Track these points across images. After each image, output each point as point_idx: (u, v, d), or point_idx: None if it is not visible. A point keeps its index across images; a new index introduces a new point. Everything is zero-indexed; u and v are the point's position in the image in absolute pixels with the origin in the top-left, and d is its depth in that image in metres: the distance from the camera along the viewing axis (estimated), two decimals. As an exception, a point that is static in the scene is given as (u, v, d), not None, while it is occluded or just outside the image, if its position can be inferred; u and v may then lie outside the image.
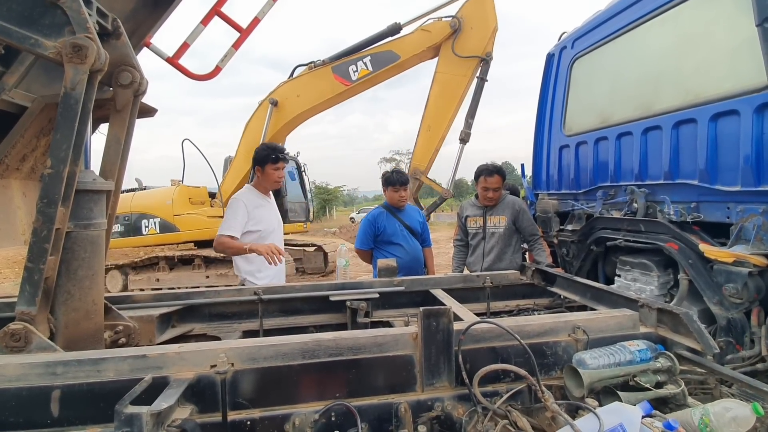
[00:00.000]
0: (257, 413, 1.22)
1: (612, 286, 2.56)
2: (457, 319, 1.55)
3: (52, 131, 1.35)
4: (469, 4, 5.32)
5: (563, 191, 3.95)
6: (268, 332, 2.10)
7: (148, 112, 1.97)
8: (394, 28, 5.49)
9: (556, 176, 4.06)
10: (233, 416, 1.20)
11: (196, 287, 6.18)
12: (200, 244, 7.45)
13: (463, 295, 2.28)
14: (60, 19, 1.31)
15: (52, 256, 1.32)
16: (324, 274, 8.45)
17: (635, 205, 2.92)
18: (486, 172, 3.37)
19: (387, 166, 59.23)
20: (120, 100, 1.57)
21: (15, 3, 1.30)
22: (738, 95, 2.27)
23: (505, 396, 1.29)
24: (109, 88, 1.60)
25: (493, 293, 2.36)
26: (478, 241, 3.50)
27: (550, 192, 4.12)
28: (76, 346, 1.42)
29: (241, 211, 2.78)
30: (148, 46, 2.51)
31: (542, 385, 1.24)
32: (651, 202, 2.86)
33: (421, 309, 1.29)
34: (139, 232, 7.48)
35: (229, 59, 3.06)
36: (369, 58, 5.61)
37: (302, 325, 2.18)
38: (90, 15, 1.35)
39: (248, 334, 2.11)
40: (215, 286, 2.61)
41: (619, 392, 1.27)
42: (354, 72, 5.64)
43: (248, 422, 1.20)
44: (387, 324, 2.12)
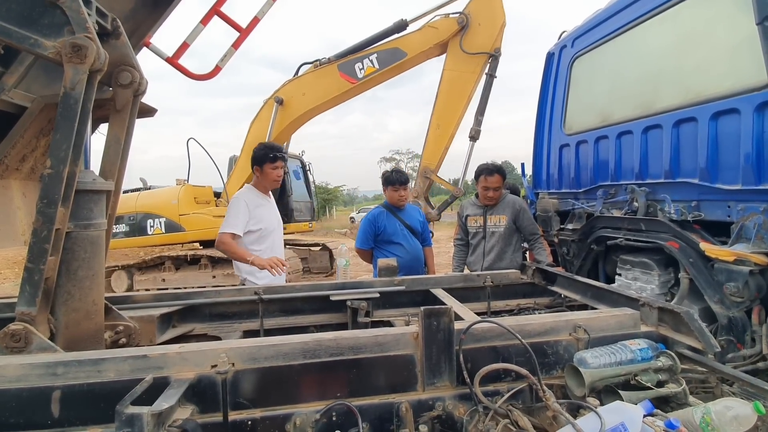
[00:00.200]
0: (258, 413, 1.22)
1: (613, 285, 2.55)
2: (458, 318, 1.55)
3: (52, 131, 1.34)
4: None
5: (563, 190, 3.95)
6: (269, 332, 2.09)
7: (148, 112, 1.96)
8: (401, 25, 5.42)
9: (556, 175, 4.06)
10: (234, 416, 1.20)
11: (203, 287, 6.17)
12: (205, 243, 7.41)
13: (464, 294, 2.28)
14: (59, 19, 1.31)
15: (52, 257, 1.32)
16: (329, 274, 8.41)
17: (636, 203, 2.92)
18: (486, 171, 3.37)
19: (387, 166, 59.26)
20: (120, 100, 1.57)
21: (14, 3, 1.30)
22: (738, 94, 2.27)
23: (507, 395, 1.29)
24: (109, 88, 1.60)
25: (494, 292, 2.36)
26: (478, 241, 3.50)
27: (551, 191, 4.12)
28: (77, 347, 1.42)
29: (242, 209, 2.79)
30: (147, 46, 2.50)
31: (543, 385, 1.24)
32: (651, 200, 2.86)
33: (422, 308, 1.29)
34: (145, 231, 7.42)
35: (229, 59, 3.05)
36: (375, 55, 5.54)
37: (303, 324, 2.18)
38: (89, 15, 1.35)
39: (249, 334, 2.11)
40: (221, 285, 2.59)
41: (620, 391, 1.27)
42: (360, 70, 5.58)
43: (249, 422, 1.20)
44: (388, 324, 2.12)
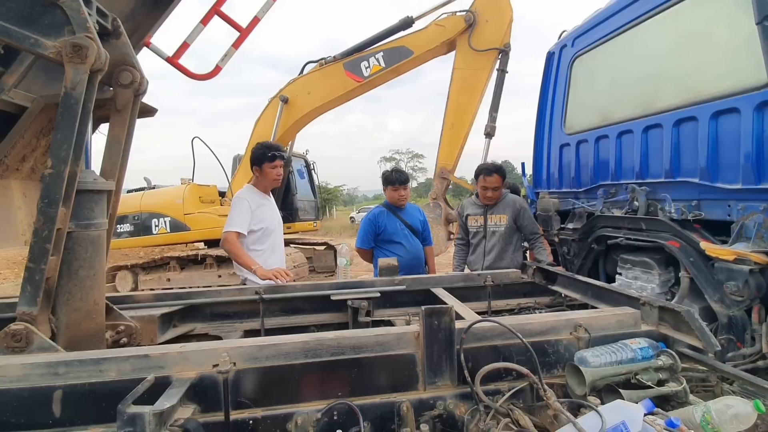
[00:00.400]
0: (259, 412, 1.22)
1: (613, 285, 2.56)
2: (459, 317, 1.55)
3: (52, 131, 1.34)
4: None
5: (564, 190, 3.95)
6: (270, 332, 2.10)
7: (149, 111, 1.97)
8: (407, 22, 5.39)
9: (556, 175, 4.06)
10: (236, 415, 1.20)
11: (208, 287, 6.15)
12: (210, 243, 7.38)
13: (464, 293, 2.28)
14: (60, 18, 1.31)
15: (53, 257, 1.32)
16: (334, 273, 8.41)
17: (636, 203, 2.92)
18: (485, 171, 3.37)
19: (387, 166, 59.20)
20: (120, 99, 1.57)
21: (14, 3, 1.30)
22: (738, 93, 2.27)
23: (507, 394, 1.30)
24: (110, 88, 1.60)
25: (494, 292, 2.36)
26: (479, 240, 3.50)
27: (551, 190, 4.12)
28: (78, 347, 1.42)
29: (245, 208, 2.79)
30: (147, 46, 2.51)
31: (544, 384, 1.24)
32: (652, 200, 2.86)
33: (423, 308, 1.30)
34: (149, 231, 7.39)
35: (229, 59, 3.06)
36: (381, 53, 5.52)
37: (303, 324, 2.19)
38: (90, 15, 1.35)
39: (249, 333, 2.11)
40: (227, 285, 2.59)
41: (621, 390, 1.27)
42: (366, 68, 5.56)
43: (251, 421, 1.20)
44: (388, 323, 2.12)
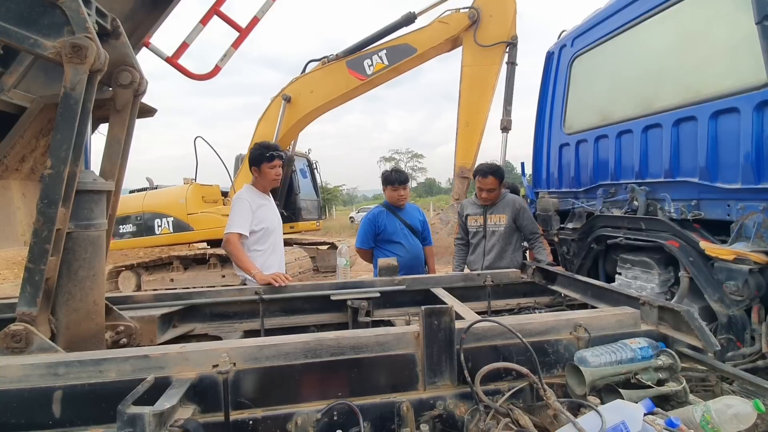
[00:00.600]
0: (260, 413, 1.22)
1: (613, 284, 2.56)
2: (459, 317, 1.55)
3: (52, 132, 1.34)
4: None
5: (563, 189, 3.95)
6: (270, 332, 2.10)
7: (148, 112, 1.96)
8: (409, 18, 5.36)
9: (556, 174, 4.06)
10: (236, 416, 1.20)
11: (212, 287, 6.13)
12: (214, 243, 7.36)
13: (464, 293, 2.28)
14: (59, 19, 1.31)
15: (52, 257, 1.32)
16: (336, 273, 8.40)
17: (636, 203, 2.92)
18: (480, 173, 3.39)
19: (386, 166, 59.21)
20: (120, 100, 1.57)
21: (14, 3, 1.30)
22: (738, 93, 2.27)
23: (507, 394, 1.30)
24: (109, 88, 1.60)
25: (494, 292, 2.36)
26: (478, 240, 3.50)
27: (551, 190, 4.12)
28: (78, 347, 1.42)
29: (246, 209, 2.78)
30: (147, 46, 2.50)
31: (544, 383, 1.24)
32: (651, 199, 2.86)
33: (423, 308, 1.30)
34: (152, 231, 7.36)
35: (229, 59, 3.05)
36: (384, 51, 5.48)
37: (303, 324, 2.19)
38: (89, 15, 1.35)
39: (249, 333, 2.11)
40: (230, 285, 2.59)
41: (620, 390, 1.27)
42: (369, 66, 5.53)
43: (251, 422, 1.20)
44: (388, 323, 2.12)
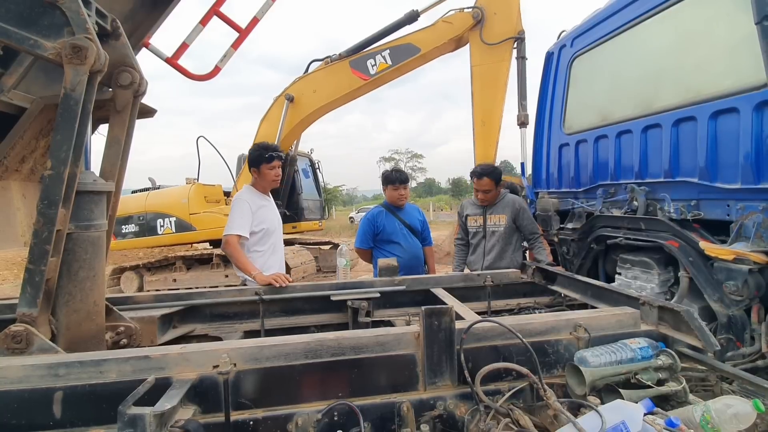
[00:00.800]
0: (260, 413, 1.22)
1: (612, 284, 2.56)
2: (459, 318, 1.55)
3: (52, 132, 1.34)
4: None
5: (563, 189, 3.95)
6: (270, 332, 2.10)
7: (148, 112, 1.96)
8: (412, 16, 5.33)
9: (556, 174, 4.06)
10: (236, 416, 1.20)
11: (215, 287, 6.10)
12: (216, 243, 7.36)
13: (464, 294, 2.28)
14: (59, 19, 1.31)
15: (53, 258, 1.32)
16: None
17: (635, 203, 2.92)
18: (475, 174, 3.40)
19: (386, 166, 59.28)
20: (120, 100, 1.57)
21: (14, 4, 1.30)
22: (737, 93, 2.28)
23: (507, 394, 1.30)
24: (109, 89, 1.60)
25: (494, 292, 2.36)
26: (478, 240, 3.50)
27: (551, 190, 4.12)
28: (78, 348, 1.42)
29: (246, 210, 2.77)
30: (147, 47, 2.50)
31: (544, 384, 1.24)
32: (651, 200, 2.86)
33: (423, 308, 1.30)
34: (155, 231, 7.36)
35: (228, 59, 3.05)
36: (388, 51, 5.45)
37: (303, 325, 2.19)
38: (89, 16, 1.35)
39: (249, 334, 2.11)
40: (234, 285, 2.60)
41: (620, 390, 1.27)
42: (372, 66, 5.50)
43: (251, 422, 1.20)
44: (388, 323, 2.12)
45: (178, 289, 6.83)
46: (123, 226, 7.43)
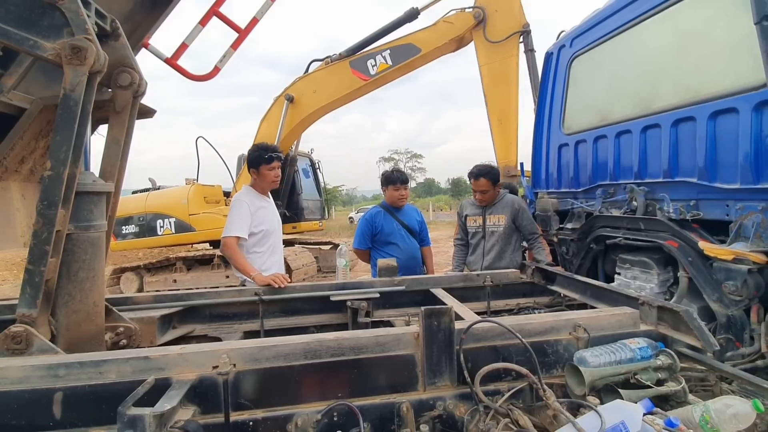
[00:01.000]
0: (260, 414, 1.22)
1: (612, 284, 2.56)
2: (458, 318, 1.55)
3: (51, 133, 1.34)
4: None
5: (563, 190, 3.95)
6: (269, 333, 2.10)
7: (147, 113, 1.96)
8: (412, 14, 5.32)
9: (555, 175, 4.06)
10: (236, 417, 1.20)
11: (216, 287, 6.08)
12: (216, 243, 7.35)
13: (464, 294, 2.28)
14: (59, 20, 1.31)
15: (52, 259, 1.32)
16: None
17: (635, 203, 2.92)
18: (472, 175, 3.41)
19: (385, 166, 59.31)
20: (119, 101, 1.57)
21: (13, 4, 1.30)
22: (737, 93, 2.28)
23: (507, 394, 1.30)
24: (108, 90, 1.60)
25: (494, 292, 2.37)
26: (478, 240, 3.50)
27: (550, 190, 4.12)
28: (77, 348, 1.42)
29: (245, 211, 2.77)
30: (146, 47, 2.50)
31: (544, 384, 1.24)
32: (650, 200, 2.87)
33: (423, 308, 1.30)
34: (155, 232, 7.36)
35: (228, 60, 3.05)
36: (388, 51, 5.44)
37: (303, 325, 2.19)
38: (89, 16, 1.35)
39: (249, 334, 2.11)
40: (234, 286, 2.61)
41: (620, 390, 1.27)
42: (373, 66, 5.49)
43: (251, 423, 1.20)
44: (388, 324, 2.12)
45: (178, 289, 6.83)
46: (123, 227, 7.43)
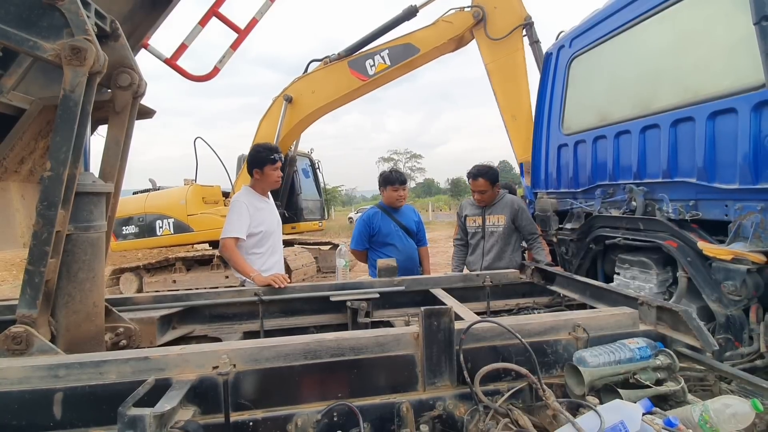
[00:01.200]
0: (260, 414, 1.22)
1: (611, 285, 2.56)
2: (458, 318, 1.55)
3: (51, 133, 1.34)
4: None
5: (562, 190, 3.95)
6: (269, 333, 2.10)
7: (147, 113, 1.96)
8: (411, 12, 5.28)
9: (554, 175, 4.07)
10: (236, 417, 1.20)
11: (215, 288, 6.07)
12: (215, 244, 7.35)
13: (463, 294, 2.29)
14: (58, 21, 1.31)
15: (52, 259, 1.32)
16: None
17: (634, 203, 2.93)
18: (471, 175, 3.42)
19: (385, 166, 59.30)
20: (119, 101, 1.57)
21: (13, 5, 1.30)
22: (736, 93, 2.28)
23: (507, 394, 1.30)
24: (108, 90, 1.60)
25: (493, 292, 2.37)
26: (477, 241, 3.51)
27: (549, 191, 4.12)
28: (77, 349, 1.42)
29: (244, 212, 2.76)
30: (146, 48, 2.51)
31: (543, 384, 1.24)
32: (650, 200, 2.87)
33: (422, 308, 1.30)
34: (154, 233, 7.36)
35: (227, 60, 3.06)
36: (386, 51, 5.40)
37: (303, 325, 2.19)
38: (88, 17, 1.35)
39: (249, 335, 2.11)
40: (234, 286, 2.61)
41: (619, 390, 1.27)
42: (371, 66, 5.45)
43: (251, 423, 1.21)
44: (388, 324, 2.13)
45: (177, 290, 6.82)
46: (123, 227, 7.44)
